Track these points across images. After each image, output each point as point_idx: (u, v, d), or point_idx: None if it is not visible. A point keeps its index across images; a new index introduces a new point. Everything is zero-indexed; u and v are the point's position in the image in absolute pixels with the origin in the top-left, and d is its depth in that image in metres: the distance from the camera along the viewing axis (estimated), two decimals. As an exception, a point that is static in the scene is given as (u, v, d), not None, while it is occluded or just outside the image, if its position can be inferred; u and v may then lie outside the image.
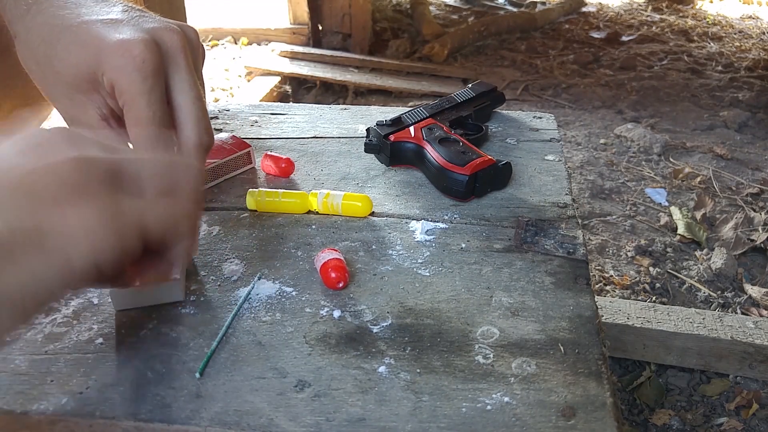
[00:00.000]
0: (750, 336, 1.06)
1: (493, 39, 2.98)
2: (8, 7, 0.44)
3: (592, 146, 1.96)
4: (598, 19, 3.38)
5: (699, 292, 1.31)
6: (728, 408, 1.05)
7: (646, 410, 1.06)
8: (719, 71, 2.64)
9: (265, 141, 0.71)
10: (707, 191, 1.71)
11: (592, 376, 0.40)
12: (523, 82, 2.52)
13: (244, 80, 2.51)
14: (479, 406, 0.38)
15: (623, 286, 1.32)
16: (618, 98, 2.37)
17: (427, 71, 2.59)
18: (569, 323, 0.44)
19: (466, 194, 0.58)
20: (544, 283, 0.48)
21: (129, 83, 0.40)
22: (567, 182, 0.63)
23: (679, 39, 3.06)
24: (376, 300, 0.47)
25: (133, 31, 0.41)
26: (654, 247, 1.45)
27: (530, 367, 0.41)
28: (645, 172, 1.80)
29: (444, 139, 0.62)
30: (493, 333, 0.44)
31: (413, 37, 2.91)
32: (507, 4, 3.58)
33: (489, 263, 0.51)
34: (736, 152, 1.94)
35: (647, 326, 1.08)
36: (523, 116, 0.77)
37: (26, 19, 0.43)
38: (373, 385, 0.39)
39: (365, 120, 0.76)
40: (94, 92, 0.43)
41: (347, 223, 0.56)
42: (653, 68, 2.67)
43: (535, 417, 0.37)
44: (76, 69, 0.42)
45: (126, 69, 0.40)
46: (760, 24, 3.35)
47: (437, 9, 3.47)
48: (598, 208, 1.62)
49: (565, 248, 0.52)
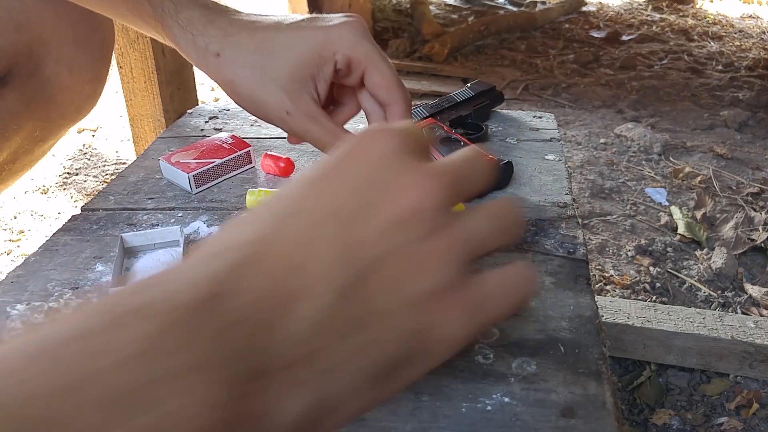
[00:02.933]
0: (750, 335, 1.06)
1: (493, 38, 2.97)
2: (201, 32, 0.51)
3: (592, 146, 1.96)
4: (598, 18, 3.38)
5: (699, 292, 1.31)
6: (728, 407, 1.05)
7: (646, 410, 1.06)
8: (719, 71, 2.64)
9: (265, 141, 0.71)
10: (707, 191, 1.70)
11: (592, 375, 0.40)
12: (523, 82, 2.51)
13: (244, 80, 2.51)
14: (479, 406, 0.38)
15: (623, 286, 1.32)
16: (618, 98, 2.36)
17: (427, 71, 2.58)
18: (569, 323, 0.44)
19: (467, 194, 0.58)
20: (544, 283, 0.48)
21: (364, 49, 0.49)
22: (567, 182, 0.63)
23: (679, 38, 3.06)
24: (376, 300, 0.47)
25: (341, 18, 0.50)
26: (654, 247, 1.45)
27: (530, 367, 0.41)
28: (645, 172, 1.80)
29: (445, 138, 0.62)
30: (492, 333, 0.43)
31: (413, 37, 2.91)
32: (507, 3, 3.58)
33: (489, 263, 0.51)
34: (736, 152, 1.94)
35: (647, 326, 1.08)
36: (523, 116, 0.77)
37: (229, 39, 0.51)
38: (372, 385, 0.39)
39: (365, 120, 0.76)
40: (309, 79, 0.50)
41: (347, 222, 0.56)
42: (653, 68, 2.66)
43: (535, 417, 0.37)
44: (299, 59, 0.49)
45: (358, 40, 0.49)
46: (761, 23, 3.34)
47: (437, 8, 3.46)
48: (598, 207, 1.62)
49: (565, 248, 0.52)
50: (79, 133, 1.95)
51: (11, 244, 1.45)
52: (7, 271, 0.51)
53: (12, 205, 1.60)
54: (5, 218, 1.55)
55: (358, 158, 0.27)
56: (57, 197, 1.64)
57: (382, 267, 0.25)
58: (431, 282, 0.25)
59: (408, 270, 0.25)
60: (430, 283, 0.25)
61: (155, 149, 0.74)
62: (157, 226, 0.58)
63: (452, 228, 0.27)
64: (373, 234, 0.25)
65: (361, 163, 0.27)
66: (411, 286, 0.25)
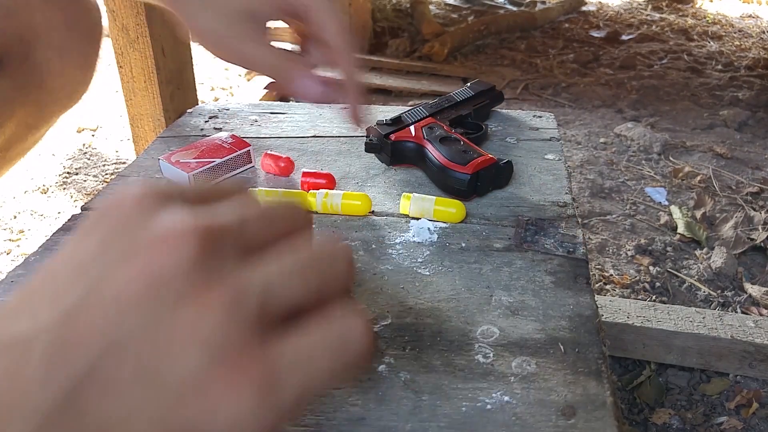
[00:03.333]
0: (750, 335, 1.06)
1: (493, 38, 2.97)
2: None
3: (591, 145, 1.96)
4: (597, 18, 3.38)
5: (699, 291, 1.31)
6: (728, 407, 1.05)
7: (646, 409, 1.06)
8: (719, 70, 2.64)
9: (264, 140, 0.71)
10: (707, 190, 1.71)
11: (592, 375, 0.40)
12: (522, 81, 2.51)
13: (244, 79, 2.51)
14: (479, 405, 0.38)
15: (623, 285, 1.32)
16: (618, 97, 2.36)
17: (427, 70, 2.58)
18: (569, 322, 0.44)
19: (468, 193, 0.58)
20: (544, 283, 0.48)
21: None
22: (567, 181, 0.63)
23: (678, 38, 3.06)
24: (376, 299, 0.47)
25: None
26: (654, 246, 1.45)
27: (530, 367, 0.41)
28: (645, 171, 1.80)
29: (445, 138, 0.62)
30: (493, 332, 0.43)
31: (413, 37, 2.91)
32: (507, 3, 3.58)
33: (489, 262, 0.51)
34: (736, 151, 1.94)
35: (647, 325, 1.08)
36: (523, 115, 0.77)
37: None
38: (373, 385, 0.39)
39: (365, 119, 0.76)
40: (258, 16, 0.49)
41: (347, 222, 0.56)
42: (653, 67, 2.66)
43: (535, 416, 0.37)
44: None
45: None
46: (760, 23, 3.34)
47: (437, 8, 3.46)
48: (598, 207, 1.62)
49: (565, 247, 0.52)
50: (79, 133, 1.95)
51: (11, 243, 1.45)
52: (7, 271, 0.51)
53: (12, 204, 1.60)
54: (5, 218, 1.55)
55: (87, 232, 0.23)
56: (57, 197, 1.64)
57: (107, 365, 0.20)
58: (187, 362, 0.20)
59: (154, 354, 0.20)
60: (186, 364, 0.20)
61: (155, 149, 0.74)
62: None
63: (223, 284, 0.21)
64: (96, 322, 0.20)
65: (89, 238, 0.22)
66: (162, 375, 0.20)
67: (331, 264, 0.24)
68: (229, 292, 0.21)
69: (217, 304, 0.21)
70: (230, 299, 0.21)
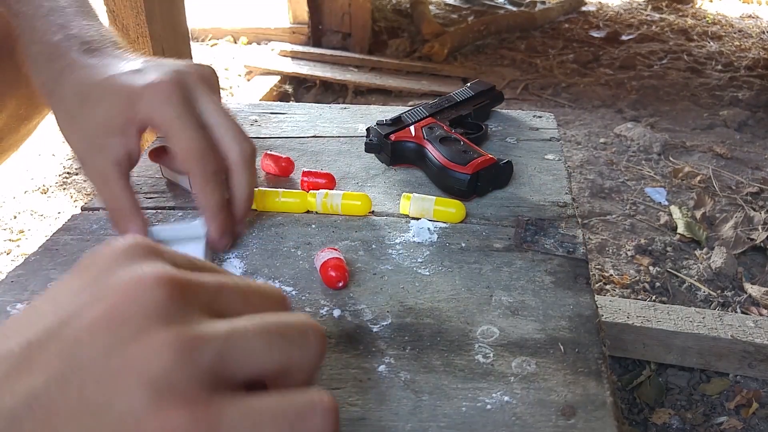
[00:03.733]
0: (750, 335, 1.06)
1: (493, 38, 2.98)
2: (41, 69, 0.50)
3: (591, 145, 1.96)
4: (597, 18, 3.38)
5: (699, 291, 1.31)
6: (728, 407, 1.05)
7: (646, 409, 1.06)
8: (719, 70, 2.64)
9: (265, 140, 0.71)
10: (707, 190, 1.71)
11: (592, 375, 0.40)
12: (522, 82, 2.51)
13: (243, 79, 2.51)
14: (479, 405, 0.38)
15: (623, 285, 1.32)
16: (618, 97, 2.37)
17: (427, 70, 2.58)
18: (569, 322, 0.44)
19: (468, 193, 0.58)
20: (543, 283, 0.48)
21: (163, 114, 0.46)
22: (567, 181, 0.63)
23: (678, 38, 3.06)
24: (376, 299, 0.47)
25: (156, 74, 0.47)
26: (654, 246, 1.45)
27: (530, 367, 0.41)
28: (645, 172, 1.80)
29: (445, 138, 0.62)
30: (493, 332, 0.43)
31: (413, 37, 2.91)
32: (507, 3, 3.58)
33: (489, 262, 0.51)
34: (735, 151, 1.94)
35: (647, 325, 1.08)
36: (522, 115, 0.77)
37: (60, 80, 0.49)
38: (373, 385, 0.39)
39: (365, 119, 0.76)
40: (116, 137, 0.47)
41: (347, 222, 0.56)
42: (653, 67, 2.66)
43: (535, 416, 0.37)
44: (107, 115, 0.47)
45: (158, 104, 0.46)
46: (760, 23, 3.35)
47: (437, 8, 3.46)
48: (598, 207, 1.62)
49: (565, 247, 0.52)
50: (79, 133, 1.95)
51: (11, 243, 1.45)
52: (7, 271, 0.51)
53: (12, 204, 1.60)
54: (5, 218, 1.55)
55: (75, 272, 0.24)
56: (57, 197, 1.64)
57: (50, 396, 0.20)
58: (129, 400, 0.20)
59: (98, 389, 0.20)
60: (128, 401, 0.20)
61: (155, 149, 0.74)
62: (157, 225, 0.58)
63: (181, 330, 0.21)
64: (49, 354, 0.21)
65: (74, 277, 0.24)
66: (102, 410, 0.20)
67: (300, 337, 0.24)
68: (184, 337, 0.21)
69: (170, 346, 0.21)
70: (184, 344, 0.21)
